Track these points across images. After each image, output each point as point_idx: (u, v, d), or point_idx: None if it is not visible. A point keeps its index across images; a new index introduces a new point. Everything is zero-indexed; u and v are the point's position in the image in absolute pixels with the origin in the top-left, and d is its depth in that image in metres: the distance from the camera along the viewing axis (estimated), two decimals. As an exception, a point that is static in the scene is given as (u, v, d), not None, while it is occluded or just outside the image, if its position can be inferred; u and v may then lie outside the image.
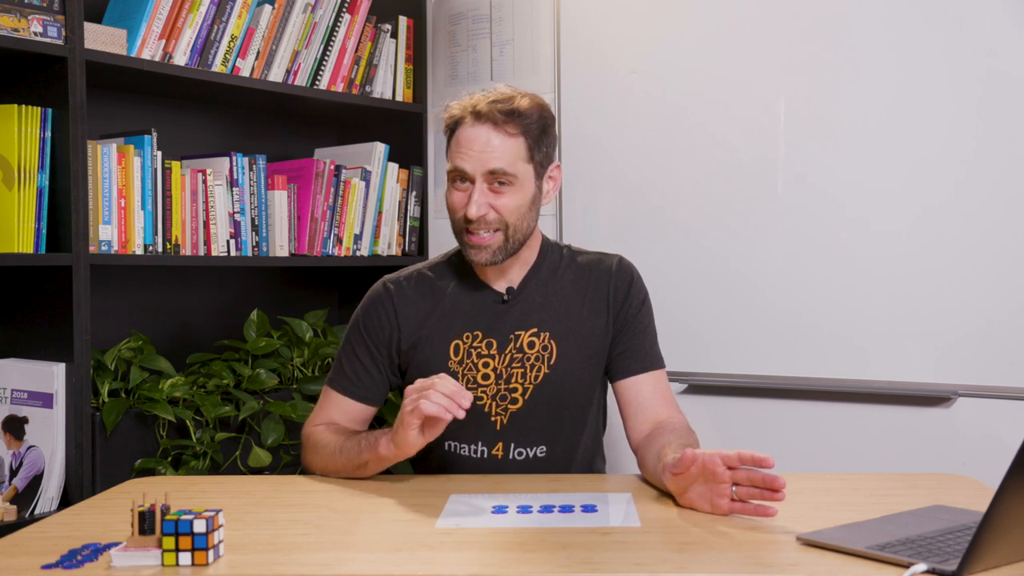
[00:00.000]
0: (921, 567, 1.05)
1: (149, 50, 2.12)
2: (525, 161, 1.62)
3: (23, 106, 1.89)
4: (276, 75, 2.38)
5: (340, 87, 2.53)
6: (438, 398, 1.38)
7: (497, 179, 1.60)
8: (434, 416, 1.39)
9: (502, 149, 1.59)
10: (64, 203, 1.94)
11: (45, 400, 1.93)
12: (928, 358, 2.07)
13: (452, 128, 1.64)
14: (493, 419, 1.67)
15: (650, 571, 1.09)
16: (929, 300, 2.06)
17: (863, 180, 2.13)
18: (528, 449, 1.68)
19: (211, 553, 1.12)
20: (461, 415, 1.38)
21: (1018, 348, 1.97)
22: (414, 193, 2.73)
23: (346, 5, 2.51)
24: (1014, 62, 1.97)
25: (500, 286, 1.71)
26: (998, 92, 1.98)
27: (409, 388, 1.44)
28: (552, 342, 1.68)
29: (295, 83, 2.42)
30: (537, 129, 1.62)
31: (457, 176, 1.62)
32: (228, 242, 2.30)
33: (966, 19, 2.01)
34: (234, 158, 2.31)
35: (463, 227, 1.63)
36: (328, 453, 1.59)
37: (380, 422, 2.36)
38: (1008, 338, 1.98)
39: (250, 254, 2.34)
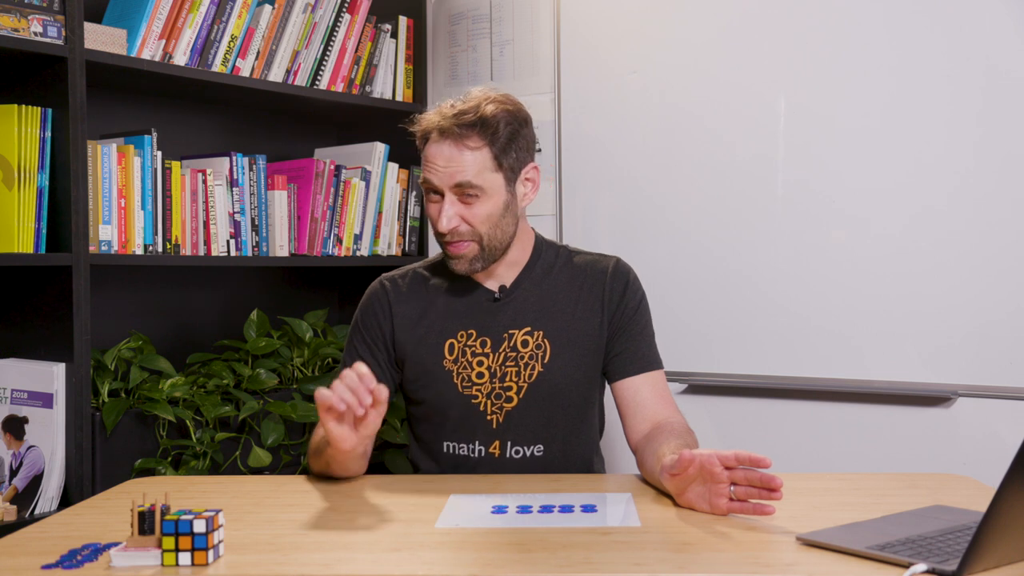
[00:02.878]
0: (921, 567, 1.05)
1: (149, 50, 2.12)
2: (492, 171, 1.62)
3: (23, 106, 1.89)
4: (276, 75, 2.38)
5: (340, 87, 2.53)
6: (341, 390, 1.33)
7: (464, 191, 1.62)
8: (338, 409, 1.34)
9: (465, 163, 1.61)
10: (64, 203, 1.94)
11: (45, 400, 1.93)
12: (927, 358, 2.07)
13: (423, 142, 1.67)
14: (489, 418, 1.67)
15: (650, 571, 1.09)
16: (929, 300, 2.06)
17: (863, 180, 2.13)
18: (525, 448, 1.68)
19: (211, 553, 1.12)
20: (360, 412, 1.34)
21: (1018, 348, 1.97)
22: (414, 193, 2.73)
23: (346, 5, 2.51)
24: (1014, 62, 1.97)
25: (493, 285, 1.72)
26: (998, 92, 1.98)
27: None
28: (546, 341, 1.68)
29: (295, 83, 2.42)
30: (504, 137, 1.62)
31: (429, 189, 1.66)
32: (228, 242, 2.30)
33: (966, 19, 2.01)
34: (234, 158, 2.31)
35: (441, 240, 1.67)
36: (313, 453, 1.61)
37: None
38: (1007, 338, 1.98)
39: (250, 254, 2.34)
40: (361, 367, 1.35)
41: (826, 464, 2.19)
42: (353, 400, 1.34)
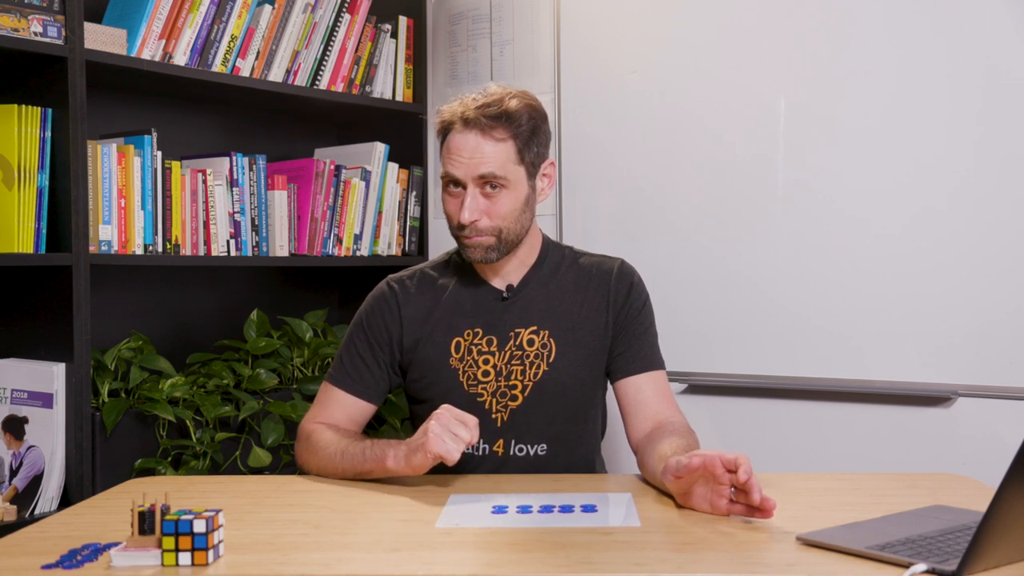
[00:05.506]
0: (921, 567, 1.05)
1: (149, 50, 2.12)
2: (515, 163, 1.63)
3: (23, 106, 1.89)
4: (276, 75, 2.38)
5: (340, 87, 2.53)
6: (462, 447, 1.43)
7: (488, 183, 1.61)
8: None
9: (492, 154, 1.60)
10: (64, 203, 1.94)
11: (45, 400, 1.93)
12: (928, 358, 2.07)
13: (443, 133, 1.66)
14: (494, 416, 1.67)
15: (650, 571, 1.09)
16: (929, 300, 2.06)
17: (863, 180, 2.13)
18: (529, 446, 1.68)
19: (211, 553, 1.12)
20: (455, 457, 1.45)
21: (1018, 348, 1.97)
22: (414, 193, 2.73)
23: (346, 5, 2.51)
24: (1014, 62, 1.97)
25: (500, 284, 1.72)
26: (998, 92, 1.98)
27: (441, 416, 1.45)
28: (551, 340, 1.68)
29: (295, 83, 2.42)
30: (527, 131, 1.63)
31: (450, 182, 1.64)
32: (228, 242, 2.30)
33: (966, 19, 2.01)
34: (234, 158, 2.31)
35: (458, 232, 1.65)
36: (328, 455, 1.59)
37: (380, 421, 2.37)
38: (1008, 338, 1.98)
39: (250, 254, 2.34)
40: (470, 418, 1.45)
41: (826, 464, 2.19)
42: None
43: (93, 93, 2.07)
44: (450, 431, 1.43)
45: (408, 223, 2.72)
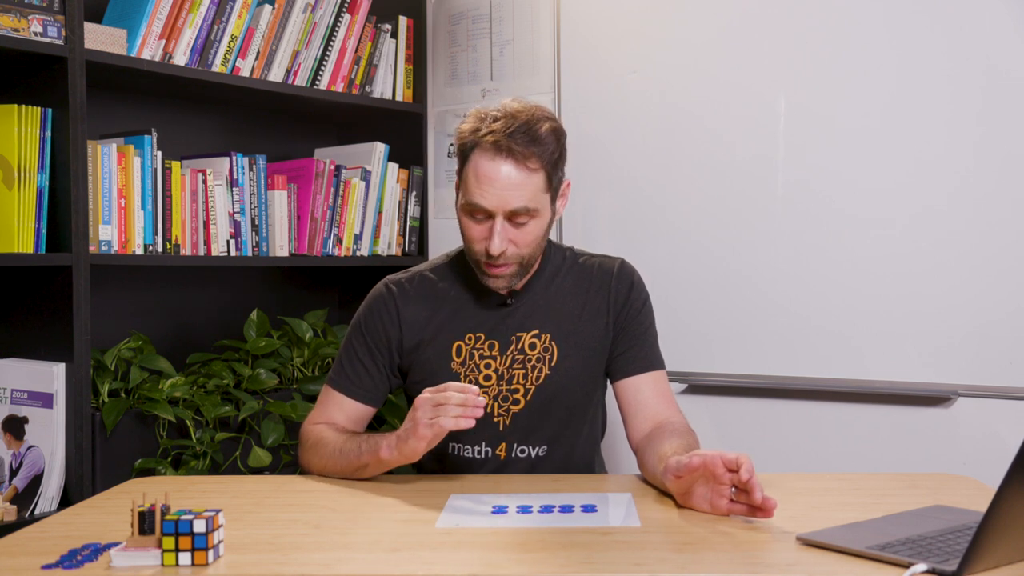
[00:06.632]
0: (921, 567, 1.05)
1: (149, 50, 2.12)
2: (544, 192, 1.58)
3: (23, 106, 1.89)
4: (276, 75, 2.38)
5: (340, 87, 2.53)
6: (455, 412, 1.39)
7: (519, 215, 1.56)
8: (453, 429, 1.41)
9: (523, 187, 1.54)
10: (64, 203, 1.94)
11: (45, 400, 1.93)
12: (928, 358, 2.07)
13: (465, 153, 1.58)
14: (496, 420, 1.67)
15: (650, 571, 1.09)
16: (929, 300, 2.06)
17: (863, 180, 2.13)
18: (530, 448, 1.68)
19: (211, 553, 1.12)
20: (480, 413, 1.40)
21: (1018, 348, 1.97)
22: (414, 193, 2.73)
23: (346, 5, 2.51)
24: (1014, 62, 1.97)
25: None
26: (998, 92, 1.98)
27: (421, 399, 1.44)
28: (553, 344, 1.68)
29: (295, 83, 2.42)
30: (555, 157, 1.58)
31: (475, 209, 1.58)
32: (228, 242, 2.30)
33: (966, 19, 2.01)
34: (234, 158, 2.31)
35: (481, 259, 1.61)
36: (327, 453, 1.60)
37: (380, 421, 2.37)
38: (1008, 338, 1.98)
39: (250, 254, 2.34)
40: (472, 388, 1.41)
41: (826, 464, 2.19)
42: (468, 411, 1.40)
43: (93, 93, 2.07)
44: (432, 409, 1.42)
45: (408, 223, 2.72)
